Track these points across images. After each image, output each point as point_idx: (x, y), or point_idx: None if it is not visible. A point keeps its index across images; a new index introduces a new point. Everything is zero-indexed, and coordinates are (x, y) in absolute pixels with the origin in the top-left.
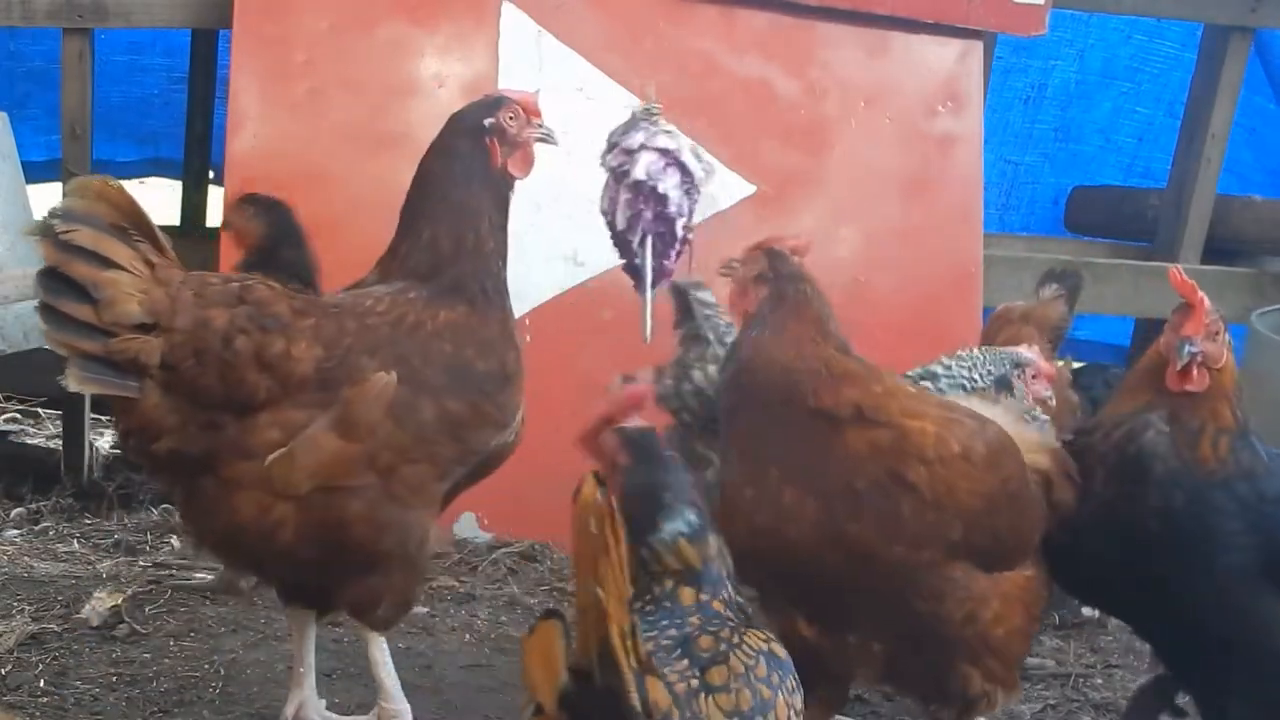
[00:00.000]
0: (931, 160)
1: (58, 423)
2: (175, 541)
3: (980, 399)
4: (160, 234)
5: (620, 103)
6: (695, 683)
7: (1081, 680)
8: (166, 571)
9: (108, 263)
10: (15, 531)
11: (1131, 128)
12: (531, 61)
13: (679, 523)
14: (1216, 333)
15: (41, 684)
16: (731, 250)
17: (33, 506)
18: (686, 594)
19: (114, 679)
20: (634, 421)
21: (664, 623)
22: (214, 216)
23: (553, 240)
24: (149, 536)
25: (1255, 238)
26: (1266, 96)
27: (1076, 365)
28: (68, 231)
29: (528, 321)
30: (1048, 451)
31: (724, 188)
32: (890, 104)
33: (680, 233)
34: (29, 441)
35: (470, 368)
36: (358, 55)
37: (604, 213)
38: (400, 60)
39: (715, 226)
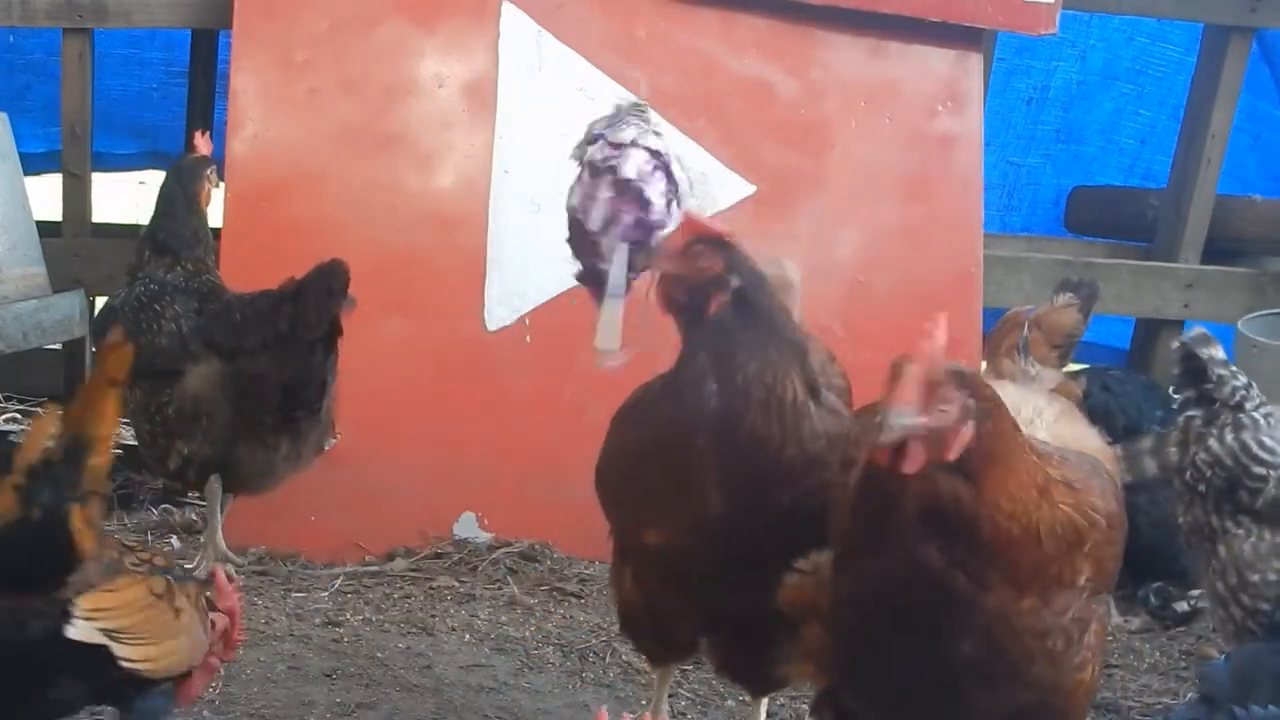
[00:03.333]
0: (931, 160)
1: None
2: (175, 541)
3: (1036, 392)
4: None
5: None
6: None
7: None
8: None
9: None
10: None
11: (1134, 130)
12: (531, 61)
13: None
14: None
15: None
16: None
17: None
18: None
19: None
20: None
21: None
22: (214, 217)
23: (553, 240)
24: (149, 536)
25: (1255, 238)
26: (1272, 102)
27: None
28: None
29: (527, 321)
30: (1110, 454)
31: (724, 188)
32: (890, 104)
33: (653, 246)
34: None
35: None
36: (358, 55)
37: (572, 208)
38: (400, 60)
39: None
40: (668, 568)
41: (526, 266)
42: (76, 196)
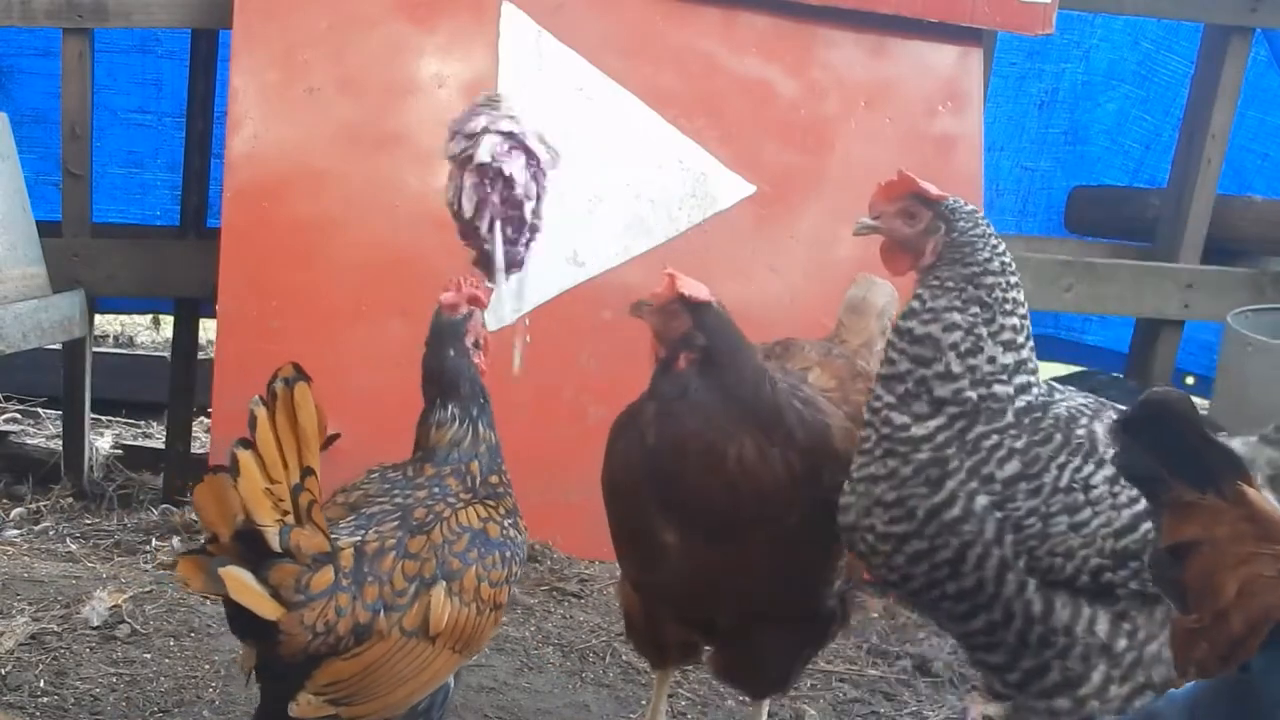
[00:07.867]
0: (931, 160)
1: (58, 423)
2: (176, 542)
3: None
4: None
5: (620, 103)
6: (392, 544)
7: None
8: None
9: None
10: (15, 531)
11: (1139, 134)
12: (531, 61)
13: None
14: None
15: (41, 684)
16: (733, 250)
17: (33, 506)
18: (426, 469)
19: (114, 679)
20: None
21: (396, 490)
22: (213, 217)
23: (553, 240)
24: (149, 537)
25: (1255, 238)
26: None
27: (1066, 372)
28: None
29: (527, 321)
30: None
31: (724, 188)
32: (890, 104)
33: (529, 218)
34: (29, 441)
35: None
36: (358, 55)
37: (449, 204)
38: (400, 60)
39: (715, 226)
40: (650, 590)
41: (526, 266)
42: (76, 196)
